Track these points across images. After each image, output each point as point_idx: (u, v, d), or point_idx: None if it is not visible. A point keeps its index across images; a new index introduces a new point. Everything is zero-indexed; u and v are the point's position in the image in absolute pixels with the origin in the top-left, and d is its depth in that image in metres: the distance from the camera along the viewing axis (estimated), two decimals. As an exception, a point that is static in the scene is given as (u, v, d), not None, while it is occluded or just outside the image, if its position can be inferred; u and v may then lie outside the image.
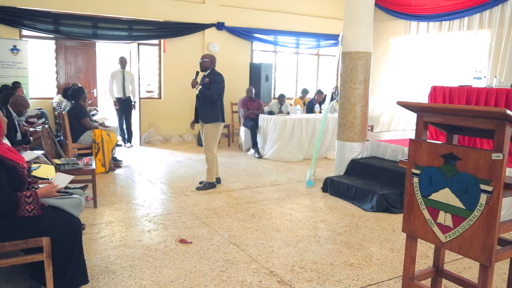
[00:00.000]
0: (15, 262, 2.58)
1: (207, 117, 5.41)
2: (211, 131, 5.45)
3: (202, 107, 5.43)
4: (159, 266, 3.20)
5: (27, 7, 7.88)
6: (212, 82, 5.35)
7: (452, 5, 8.73)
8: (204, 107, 5.42)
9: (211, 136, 5.47)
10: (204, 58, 5.48)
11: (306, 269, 3.23)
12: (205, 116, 5.42)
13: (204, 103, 5.41)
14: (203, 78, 5.46)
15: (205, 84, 5.37)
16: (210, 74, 5.43)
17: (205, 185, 5.55)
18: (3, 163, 2.41)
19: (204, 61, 5.44)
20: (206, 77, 5.41)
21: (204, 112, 5.43)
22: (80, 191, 2.99)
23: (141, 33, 9.07)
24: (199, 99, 5.48)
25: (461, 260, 3.43)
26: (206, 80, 5.39)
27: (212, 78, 5.37)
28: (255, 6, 10.22)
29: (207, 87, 5.35)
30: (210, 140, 5.48)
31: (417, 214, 2.28)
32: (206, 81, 5.38)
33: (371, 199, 4.82)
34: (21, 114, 5.51)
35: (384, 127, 10.20)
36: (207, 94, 5.33)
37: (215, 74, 5.43)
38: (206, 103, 5.40)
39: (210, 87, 5.33)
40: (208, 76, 5.41)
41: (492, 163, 1.92)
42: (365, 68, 5.67)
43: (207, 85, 5.35)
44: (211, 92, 5.32)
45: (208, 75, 5.42)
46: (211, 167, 5.54)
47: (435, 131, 5.75)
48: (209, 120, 5.41)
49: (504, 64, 7.76)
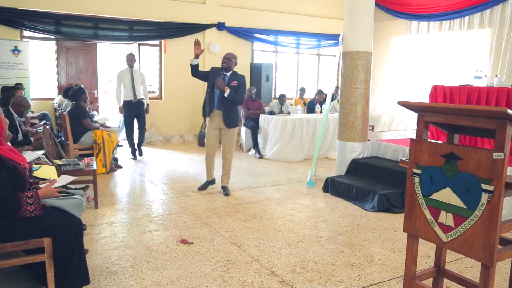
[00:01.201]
0: (16, 263, 2.58)
1: (232, 122, 5.12)
2: (234, 134, 5.22)
3: (228, 111, 5.07)
4: (160, 267, 3.20)
5: (28, 8, 7.89)
6: (240, 85, 5.06)
7: (452, 4, 8.73)
8: (229, 111, 5.07)
9: (234, 139, 5.24)
10: (231, 58, 5.11)
11: (307, 269, 3.23)
12: (231, 121, 5.10)
13: (229, 107, 5.07)
14: (230, 79, 5.08)
15: (233, 87, 5.02)
16: (236, 76, 5.11)
17: (228, 189, 5.29)
18: (4, 164, 2.41)
19: (231, 60, 5.08)
20: (234, 79, 5.07)
21: (229, 117, 5.08)
22: (81, 192, 2.99)
23: (141, 33, 9.08)
24: (221, 102, 5.05)
25: (462, 259, 3.42)
26: (234, 82, 5.04)
27: (240, 80, 5.07)
28: (256, 6, 10.22)
29: (234, 90, 5.02)
30: (233, 143, 5.26)
31: (418, 214, 2.28)
32: (234, 84, 5.03)
33: (372, 199, 4.82)
34: (22, 114, 5.52)
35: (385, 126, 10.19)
36: (237, 98, 5.04)
37: (241, 77, 5.14)
38: (232, 107, 5.09)
39: (238, 91, 5.04)
40: (236, 79, 5.08)
41: (493, 163, 1.92)
42: (366, 68, 5.66)
43: (235, 88, 5.03)
44: (240, 96, 5.07)
45: (235, 77, 5.09)
46: (229, 170, 5.34)
47: (436, 131, 5.75)
48: (234, 125, 5.16)
49: (504, 63, 7.75)
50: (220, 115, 5.08)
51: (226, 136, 5.18)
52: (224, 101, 5.02)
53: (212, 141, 5.25)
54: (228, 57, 5.09)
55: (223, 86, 4.95)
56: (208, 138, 5.26)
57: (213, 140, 5.26)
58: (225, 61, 5.06)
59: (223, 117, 5.07)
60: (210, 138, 5.24)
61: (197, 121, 9.65)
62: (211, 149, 5.29)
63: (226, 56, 5.10)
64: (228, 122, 5.09)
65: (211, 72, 5.14)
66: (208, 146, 5.29)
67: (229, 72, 5.11)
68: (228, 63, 5.05)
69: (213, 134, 5.23)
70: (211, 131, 5.22)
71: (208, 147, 5.29)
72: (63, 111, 6.39)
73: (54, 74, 8.71)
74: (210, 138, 5.24)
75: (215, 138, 5.24)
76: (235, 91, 5.01)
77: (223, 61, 5.08)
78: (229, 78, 5.08)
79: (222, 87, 4.95)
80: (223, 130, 5.15)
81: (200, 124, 9.47)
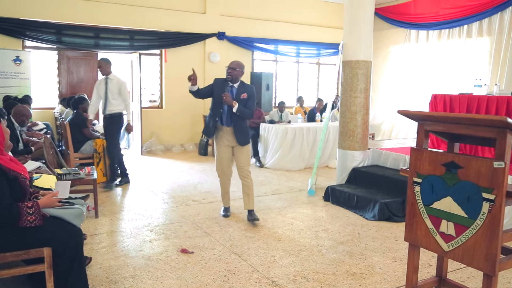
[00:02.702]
0: (16, 273, 2.57)
1: (246, 138, 4.54)
2: (248, 152, 4.65)
3: (239, 127, 4.48)
4: (161, 276, 3.19)
5: (30, 18, 7.94)
6: (249, 97, 4.49)
7: (451, 13, 8.80)
8: (240, 127, 4.49)
9: (248, 156, 4.65)
10: (237, 67, 4.47)
11: (308, 279, 3.21)
12: (243, 138, 4.51)
13: (240, 122, 4.48)
14: (238, 91, 4.48)
15: (243, 100, 4.44)
16: (245, 87, 4.54)
17: (255, 213, 4.61)
18: (5, 174, 2.41)
19: (237, 71, 4.46)
20: (242, 91, 4.48)
21: (242, 132, 4.50)
22: (82, 201, 2.99)
23: (142, 43, 9.12)
24: (231, 118, 4.46)
25: (464, 269, 3.40)
26: (243, 95, 4.45)
27: (249, 92, 4.51)
28: (256, 16, 10.29)
29: (243, 103, 4.43)
30: (248, 160, 4.64)
31: (419, 223, 2.27)
32: (244, 97, 4.45)
33: (373, 207, 4.80)
34: (23, 124, 5.53)
35: (385, 135, 10.21)
36: (247, 113, 4.46)
37: (250, 88, 4.58)
38: (242, 122, 4.51)
39: (248, 103, 4.46)
40: (246, 90, 4.50)
41: (494, 172, 1.92)
42: (366, 77, 5.68)
43: (244, 100, 4.44)
44: (250, 110, 4.49)
45: (244, 89, 4.52)
46: (252, 191, 4.65)
47: (436, 139, 5.75)
48: (247, 141, 4.57)
49: (504, 72, 7.79)
50: (231, 132, 4.49)
51: (241, 154, 4.56)
52: (234, 116, 4.44)
53: (225, 161, 4.61)
54: (232, 67, 4.46)
55: (230, 101, 4.36)
56: (220, 158, 4.60)
57: (227, 159, 4.61)
58: (229, 72, 4.46)
59: (235, 135, 4.48)
60: (223, 157, 4.59)
61: (197, 130, 9.66)
62: (227, 170, 4.65)
63: (231, 66, 4.48)
64: (241, 139, 4.49)
65: (216, 85, 4.53)
66: (222, 167, 4.63)
67: (237, 83, 4.52)
68: (233, 73, 4.45)
69: (225, 152, 4.57)
70: (222, 149, 4.56)
71: (223, 168, 4.63)
72: (64, 120, 6.40)
73: (55, 84, 8.74)
74: (223, 158, 4.59)
75: (228, 156, 4.59)
76: (244, 104, 4.44)
77: (227, 71, 4.48)
78: (237, 90, 4.50)
79: (230, 102, 4.36)
80: (236, 147, 4.54)
81: (200, 133, 9.47)
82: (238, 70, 4.47)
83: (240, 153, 4.55)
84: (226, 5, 9.85)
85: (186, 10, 9.40)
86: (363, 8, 5.61)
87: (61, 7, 8.14)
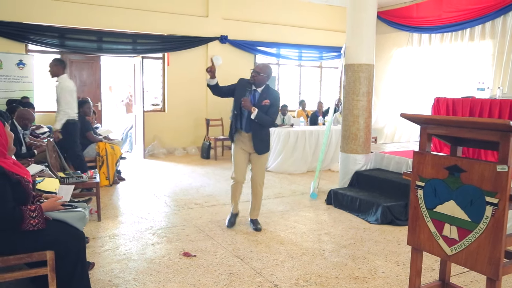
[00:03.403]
0: (19, 276, 2.57)
1: (264, 147, 4.27)
2: (266, 161, 4.46)
3: (258, 134, 4.18)
4: (163, 280, 3.18)
5: (33, 22, 7.98)
6: (272, 104, 4.14)
7: (454, 17, 8.79)
8: (260, 134, 4.20)
9: (265, 165, 4.45)
10: (261, 71, 4.13)
11: (311, 283, 3.20)
12: (262, 146, 4.24)
13: (260, 129, 4.18)
14: (261, 97, 4.16)
15: (264, 106, 4.11)
16: (268, 93, 4.19)
17: (259, 222, 4.51)
18: (8, 178, 2.42)
19: (261, 75, 4.12)
20: (265, 97, 4.14)
21: (261, 140, 4.22)
22: (84, 204, 2.99)
23: (145, 46, 9.15)
24: (250, 124, 4.16)
25: (467, 273, 3.39)
26: (266, 101, 4.12)
27: (272, 99, 4.16)
28: (258, 19, 10.31)
29: (264, 109, 4.11)
30: (264, 170, 4.41)
31: (422, 227, 2.27)
32: (265, 103, 4.12)
33: (376, 211, 4.79)
34: (26, 127, 5.54)
35: (387, 138, 10.19)
36: (266, 121, 4.13)
37: (274, 94, 4.24)
38: (264, 129, 4.22)
39: (269, 110, 4.13)
40: (268, 96, 4.16)
41: (497, 175, 1.91)
42: (368, 80, 5.69)
43: (266, 107, 4.12)
44: (271, 118, 4.16)
45: (267, 95, 4.17)
46: (261, 201, 4.51)
47: (439, 143, 5.74)
48: (266, 149, 4.31)
49: (507, 75, 7.77)
50: (249, 139, 4.22)
51: (257, 162, 4.31)
52: (253, 123, 4.13)
53: (241, 165, 4.33)
54: (257, 70, 4.13)
55: (249, 106, 4.06)
56: (235, 162, 4.33)
57: (242, 164, 4.33)
58: (253, 75, 4.14)
59: (253, 142, 4.20)
60: (238, 162, 4.32)
61: (200, 133, 9.67)
62: (240, 176, 4.34)
63: (256, 69, 4.16)
64: (259, 148, 4.22)
65: (239, 86, 4.24)
66: (236, 172, 4.33)
67: (261, 87, 4.20)
68: (256, 78, 4.12)
69: (242, 157, 4.31)
70: (239, 152, 4.30)
71: (237, 173, 4.33)
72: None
73: (58, 87, 8.76)
74: (238, 162, 4.32)
75: (244, 162, 4.33)
76: (265, 112, 4.11)
77: (251, 74, 4.17)
78: (260, 95, 4.18)
79: (249, 107, 4.06)
80: (253, 155, 4.29)
81: (203, 136, 9.49)
82: (263, 75, 4.13)
83: (256, 162, 4.31)
84: (228, 9, 9.87)
85: (188, 14, 9.43)
86: (365, 12, 5.62)
87: (64, 11, 8.18)
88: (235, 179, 4.37)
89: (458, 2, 8.70)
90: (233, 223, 4.52)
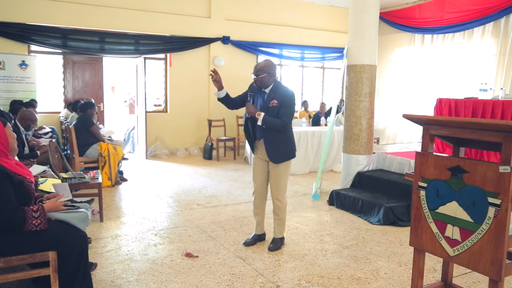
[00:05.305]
0: (21, 277, 2.58)
1: (280, 156, 3.75)
2: (285, 171, 3.83)
3: (270, 141, 3.72)
4: (165, 281, 3.19)
5: (36, 23, 8.01)
6: (282, 105, 3.64)
7: (456, 17, 8.78)
8: (273, 140, 3.72)
9: (284, 176, 3.84)
10: (259, 72, 3.65)
11: (313, 283, 3.20)
12: (278, 155, 3.74)
13: (271, 135, 3.71)
14: (268, 97, 3.70)
15: (272, 107, 3.65)
16: (276, 92, 3.68)
17: (278, 242, 3.94)
18: (10, 178, 2.42)
19: (261, 77, 3.65)
20: (273, 97, 3.67)
21: (276, 149, 3.73)
22: (87, 205, 3.00)
23: (147, 47, 9.17)
24: (259, 130, 3.75)
25: (470, 274, 3.38)
26: (273, 102, 3.65)
27: (281, 98, 3.65)
28: (260, 20, 10.31)
29: (274, 111, 3.64)
30: (283, 181, 3.86)
31: (424, 228, 2.26)
32: (273, 104, 3.64)
33: (378, 212, 4.79)
34: (28, 128, 5.56)
35: (390, 139, 10.18)
36: (276, 125, 3.63)
37: (284, 92, 3.69)
38: (278, 135, 3.71)
39: (280, 112, 3.63)
40: (276, 96, 3.67)
41: (499, 176, 1.91)
42: (370, 81, 5.68)
43: (275, 109, 3.64)
44: (282, 121, 3.62)
45: (274, 94, 3.68)
46: (283, 217, 3.94)
47: (442, 144, 5.72)
48: (283, 159, 3.77)
49: (509, 76, 7.76)
50: (263, 146, 3.79)
51: (274, 174, 3.82)
52: (263, 128, 3.70)
53: (258, 176, 3.92)
54: (255, 73, 3.69)
55: (253, 112, 3.65)
56: (254, 172, 3.95)
57: (259, 174, 3.90)
58: (254, 79, 3.73)
59: (266, 149, 3.75)
60: (256, 171, 3.92)
61: (202, 134, 9.68)
62: (258, 186, 3.93)
63: (253, 72, 3.71)
64: (274, 156, 3.74)
65: (249, 91, 3.84)
66: (254, 182, 3.96)
67: (268, 87, 3.74)
68: (258, 81, 3.69)
69: (259, 166, 3.90)
70: (256, 161, 3.91)
71: (254, 183, 3.96)
72: (69, 124, 6.43)
73: (61, 88, 8.80)
74: (256, 172, 3.92)
75: (261, 171, 3.90)
76: (276, 114, 3.65)
77: (254, 80, 3.76)
78: (268, 95, 3.72)
79: (253, 113, 3.66)
80: (270, 164, 3.83)
81: (205, 137, 9.50)
82: (263, 75, 3.65)
83: (273, 173, 3.83)
84: (231, 10, 9.89)
85: (191, 15, 9.45)
86: (368, 13, 5.62)
87: (66, 12, 8.20)
88: (254, 191, 3.98)
89: (461, 3, 8.69)
90: (249, 243, 3.98)
